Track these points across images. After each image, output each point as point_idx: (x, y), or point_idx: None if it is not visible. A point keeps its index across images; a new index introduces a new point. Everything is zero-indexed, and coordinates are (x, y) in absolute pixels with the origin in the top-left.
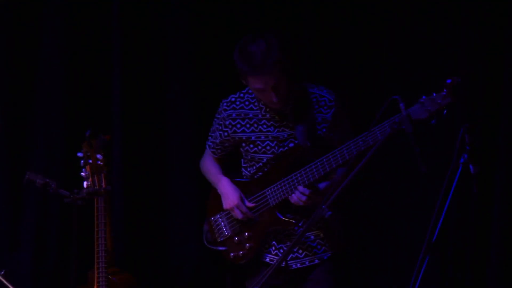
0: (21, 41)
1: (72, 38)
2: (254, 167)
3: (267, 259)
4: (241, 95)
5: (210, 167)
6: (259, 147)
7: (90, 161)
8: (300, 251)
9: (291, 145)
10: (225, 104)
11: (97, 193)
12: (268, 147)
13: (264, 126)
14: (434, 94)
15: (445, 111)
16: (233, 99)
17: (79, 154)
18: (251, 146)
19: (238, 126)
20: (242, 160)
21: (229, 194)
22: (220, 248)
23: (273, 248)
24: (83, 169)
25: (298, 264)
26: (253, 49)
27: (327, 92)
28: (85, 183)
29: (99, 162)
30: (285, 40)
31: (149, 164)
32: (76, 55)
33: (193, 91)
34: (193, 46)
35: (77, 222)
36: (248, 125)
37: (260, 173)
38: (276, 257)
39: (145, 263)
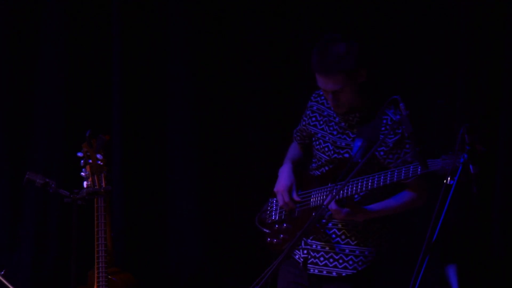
0: (21, 41)
1: (72, 38)
2: (316, 164)
3: (296, 256)
4: None
5: (289, 150)
6: (321, 146)
7: (90, 161)
8: (322, 258)
9: (346, 155)
10: (314, 94)
11: (97, 193)
12: (326, 149)
13: (331, 128)
14: (456, 154)
15: (457, 176)
16: (321, 93)
17: (79, 154)
18: (317, 142)
19: (313, 119)
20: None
21: (282, 179)
22: (265, 230)
23: (301, 246)
24: (83, 169)
25: (316, 271)
26: (331, 49)
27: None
28: (85, 183)
29: (99, 162)
30: (368, 52)
31: (149, 164)
32: (76, 55)
33: (194, 91)
34: (194, 46)
35: (77, 222)
36: (321, 122)
37: (318, 172)
38: (302, 256)
39: (145, 263)
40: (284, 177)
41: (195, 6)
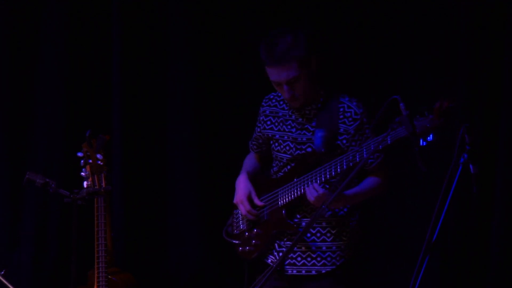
0: (21, 41)
1: (72, 38)
2: (277, 166)
3: (269, 260)
4: (279, 94)
5: (245, 161)
6: (281, 146)
7: (90, 161)
8: (299, 258)
9: (309, 149)
10: (264, 100)
11: (97, 193)
12: (287, 147)
13: (288, 127)
14: (425, 116)
15: (430, 137)
16: (271, 97)
17: (79, 154)
18: (276, 144)
19: (268, 123)
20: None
21: (239, 189)
22: (234, 241)
23: (275, 249)
24: (83, 169)
25: (295, 271)
26: (278, 41)
27: (356, 105)
28: (85, 183)
29: (99, 162)
30: (316, 41)
31: (149, 164)
32: (76, 55)
33: (194, 91)
34: (194, 46)
35: (77, 222)
36: (276, 124)
37: (280, 173)
38: (276, 259)
39: (145, 263)
40: (241, 187)
41: (195, 6)
